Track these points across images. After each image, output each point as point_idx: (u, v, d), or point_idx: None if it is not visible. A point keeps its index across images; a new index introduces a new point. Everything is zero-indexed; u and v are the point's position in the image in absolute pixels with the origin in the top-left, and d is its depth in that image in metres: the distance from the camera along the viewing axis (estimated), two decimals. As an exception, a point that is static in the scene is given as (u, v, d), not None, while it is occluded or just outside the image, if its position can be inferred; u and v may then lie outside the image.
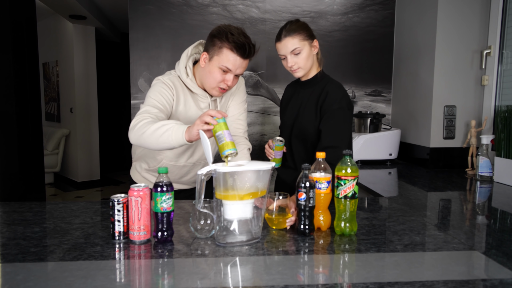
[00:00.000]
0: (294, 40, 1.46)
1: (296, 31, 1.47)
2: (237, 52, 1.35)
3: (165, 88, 1.44)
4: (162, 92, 1.43)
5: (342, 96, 1.50)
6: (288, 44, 1.47)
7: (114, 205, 1.05)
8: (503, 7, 2.19)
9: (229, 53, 1.35)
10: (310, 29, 1.52)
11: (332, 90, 1.51)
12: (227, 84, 1.41)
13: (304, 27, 1.50)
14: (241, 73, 1.43)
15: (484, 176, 1.97)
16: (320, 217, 1.16)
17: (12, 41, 3.05)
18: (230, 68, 1.38)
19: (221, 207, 1.06)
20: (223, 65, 1.37)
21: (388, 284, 0.81)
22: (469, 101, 2.33)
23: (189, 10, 2.67)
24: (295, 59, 1.49)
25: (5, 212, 1.37)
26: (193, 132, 1.19)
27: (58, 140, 5.87)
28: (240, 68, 1.39)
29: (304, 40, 1.47)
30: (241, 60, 1.37)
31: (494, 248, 1.04)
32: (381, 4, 2.77)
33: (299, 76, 1.55)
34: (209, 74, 1.41)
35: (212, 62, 1.39)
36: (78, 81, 5.76)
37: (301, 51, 1.48)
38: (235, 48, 1.34)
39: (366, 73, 2.82)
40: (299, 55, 1.48)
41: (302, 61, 1.49)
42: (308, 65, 1.52)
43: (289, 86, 1.75)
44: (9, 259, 0.95)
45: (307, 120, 1.54)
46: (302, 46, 1.47)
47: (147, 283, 0.85)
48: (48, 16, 5.91)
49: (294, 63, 1.49)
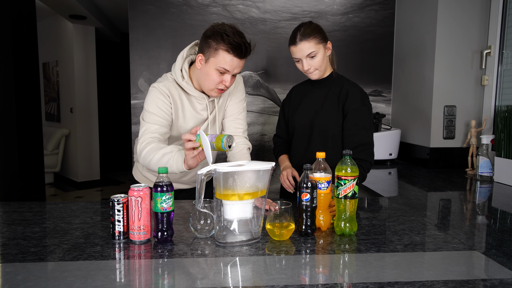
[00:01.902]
0: (310, 43, 1.46)
1: (311, 34, 1.47)
2: (233, 53, 1.34)
3: (161, 98, 1.44)
4: (159, 104, 1.44)
5: (363, 95, 1.55)
6: (304, 48, 1.47)
7: (114, 205, 1.05)
8: (503, 7, 2.19)
9: (225, 54, 1.34)
10: (324, 31, 1.53)
11: (352, 89, 1.56)
12: (225, 84, 1.41)
13: (318, 30, 1.50)
14: (238, 72, 1.43)
15: (484, 176, 1.97)
16: (320, 217, 1.16)
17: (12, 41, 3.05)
18: (228, 69, 1.37)
19: (221, 207, 1.06)
20: (220, 67, 1.36)
21: (388, 284, 0.81)
22: (469, 101, 2.33)
23: (189, 10, 2.67)
24: (311, 62, 1.50)
25: (5, 212, 1.37)
26: (189, 162, 1.26)
27: (58, 140, 5.87)
28: (237, 68, 1.39)
29: (319, 44, 1.48)
30: (238, 61, 1.37)
31: (494, 248, 1.04)
32: (381, 4, 2.77)
33: (315, 78, 1.56)
34: (206, 76, 1.40)
35: (208, 63, 1.38)
36: (78, 81, 5.76)
37: (317, 54, 1.48)
38: (231, 49, 1.33)
39: (366, 73, 2.82)
40: (314, 58, 1.49)
41: (318, 64, 1.50)
42: (323, 67, 1.54)
43: (297, 87, 1.75)
44: (9, 259, 0.95)
45: (328, 118, 1.56)
46: (318, 50, 1.48)
47: (147, 283, 0.85)
48: (48, 16, 5.91)
49: (310, 66, 1.50)
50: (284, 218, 1.10)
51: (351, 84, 1.59)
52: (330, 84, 1.59)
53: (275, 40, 2.71)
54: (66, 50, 5.80)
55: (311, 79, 1.58)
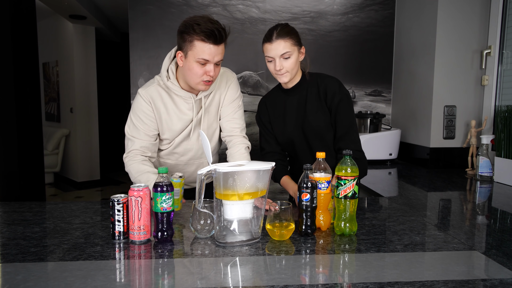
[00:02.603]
0: (286, 43, 1.43)
1: (288, 35, 1.44)
2: (208, 41, 1.33)
3: (144, 106, 1.49)
4: (142, 113, 1.49)
5: (339, 85, 1.53)
6: (279, 47, 1.43)
7: (114, 205, 1.05)
8: (503, 7, 2.19)
9: (201, 44, 1.33)
10: (299, 36, 1.50)
11: (328, 83, 1.53)
12: (209, 75, 1.39)
13: (295, 33, 1.47)
14: (220, 60, 1.40)
15: (484, 176, 1.97)
16: (320, 217, 1.16)
17: (12, 41, 3.05)
18: (207, 59, 1.36)
19: (221, 207, 1.06)
20: (199, 58, 1.35)
21: (388, 284, 0.81)
22: (469, 101, 2.32)
23: (189, 10, 2.67)
24: (284, 63, 1.45)
25: (5, 212, 1.37)
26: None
27: (58, 140, 5.87)
28: (217, 56, 1.37)
29: (294, 46, 1.45)
30: (215, 47, 1.35)
31: (494, 248, 1.04)
32: (381, 4, 2.77)
33: (285, 81, 1.51)
34: (189, 71, 1.40)
35: (188, 58, 1.38)
36: (78, 81, 5.76)
37: (291, 55, 1.45)
38: (205, 37, 1.32)
39: (366, 73, 2.82)
40: (288, 60, 1.45)
41: (290, 66, 1.46)
42: (294, 71, 1.50)
43: (269, 99, 1.66)
44: (9, 259, 0.95)
45: (317, 119, 1.54)
46: (292, 51, 1.45)
47: (147, 283, 0.85)
48: (48, 16, 5.91)
49: (282, 67, 1.46)
50: (284, 218, 1.10)
51: (325, 78, 1.56)
52: (307, 87, 1.55)
53: (275, 40, 2.71)
54: (66, 50, 5.80)
55: (280, 81, 1.52)
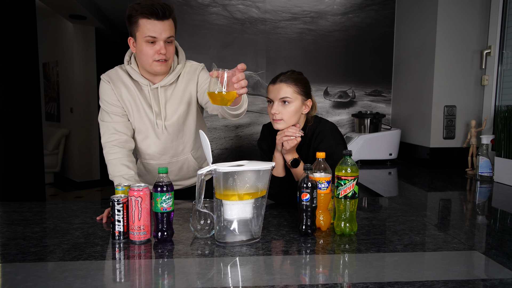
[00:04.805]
0: (289, 89, 1.35)
1: (294, 81, 1.37)
2: (151, 17, 1.33)
3: (104, 87, 1.49)
4: (105, 95, 1.49)
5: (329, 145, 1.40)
6: (280, 90, 1.36)
7: (114, 205, 1.05)
8: (503, 7, 2.19)
9: (144, 21, 1.33)
10: (309, 87, 1.42)
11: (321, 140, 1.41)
12: (161, 53, 1.37)
13: (303, 82, 1.40)
14: (168, 36, 1.36)
15: (484, 176, 1.97)
16: (320, 217, 1.16)
17: (12, 41, 3.05)
18: (154, 35, 1.34)
19: (221, 207, 1.06)
20: (146, 36, 1.34)
21: (388, 284, 0.81)
22: (469, 101, 2.32)
23: (189, 10, 2.67)
24: (281, 108, 1.35)
25: (5, 212, 1.37)
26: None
27: (58, 140, 5.87)
28: (164, 32, 1.35)
29: (298, 94, 1.37)
30: (160, 23, 1.34)
31: (494, 248, 1.04)
32: (381, 4, 2.77)
33: (278, 128, 1.38)
34: (140, 54, 1.39)
35: (137, 40, 1.38)
36: (78, 81, 5.76)
37: (291, 103, 1.35)
38: (147, 13, 1.32)
39: (366, 73, 2.82)
40: (286, 106, 1.35)
41: (287, 114, 1.35)
42: (291, 121, 1.37)
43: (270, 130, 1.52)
44: (9, 259, 0.95)
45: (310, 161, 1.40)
46: (294, 99, 1.36)
47: (147, 283, 0.85)
48: (48, 16, 5.91)
49: (278, 112, 1.35)
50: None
51: (318, 132, 1.43)
52: (304, 139, 1.44)
53: (275, 40, 2.71)
54: (66, 50, 5.80)
55: (274, 128, 1.39)
